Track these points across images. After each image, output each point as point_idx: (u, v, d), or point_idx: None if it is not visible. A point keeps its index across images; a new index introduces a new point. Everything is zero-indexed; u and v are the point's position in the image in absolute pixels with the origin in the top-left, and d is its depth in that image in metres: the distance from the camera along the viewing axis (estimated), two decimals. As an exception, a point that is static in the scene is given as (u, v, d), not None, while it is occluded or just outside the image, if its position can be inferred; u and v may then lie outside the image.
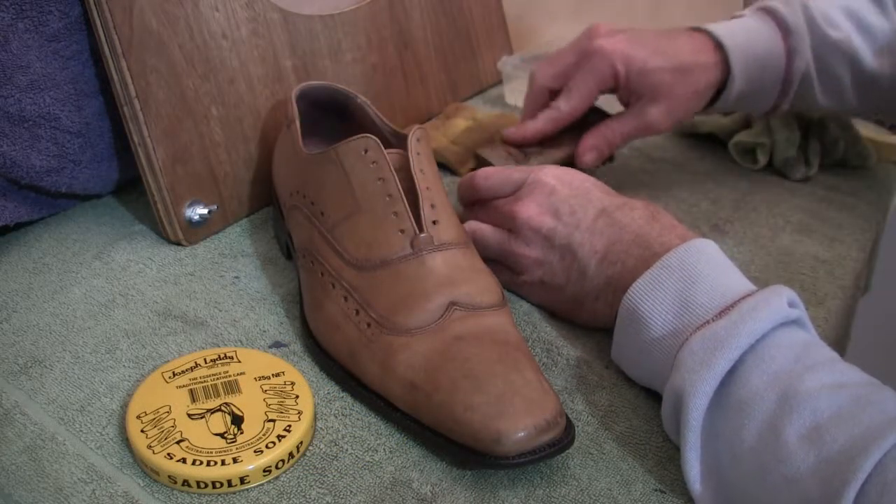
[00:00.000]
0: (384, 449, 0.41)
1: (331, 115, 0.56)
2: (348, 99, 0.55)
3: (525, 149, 0.61)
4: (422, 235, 0.43)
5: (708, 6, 0.96)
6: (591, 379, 0.46)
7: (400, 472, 0.39)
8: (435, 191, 0.45)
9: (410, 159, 0.44)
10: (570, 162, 0.59)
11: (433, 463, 0.40)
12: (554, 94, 0.60)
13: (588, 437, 0.42)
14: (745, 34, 0.59)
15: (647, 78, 0.56)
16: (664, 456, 0.41)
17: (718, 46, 0.58)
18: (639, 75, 0.56)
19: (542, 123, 0.59)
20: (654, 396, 0.45)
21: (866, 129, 0.73)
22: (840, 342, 0.69)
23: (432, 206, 0.44)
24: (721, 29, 0.59)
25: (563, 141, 0.61)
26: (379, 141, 0.44)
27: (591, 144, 0.59)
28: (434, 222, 0.43)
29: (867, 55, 0.59)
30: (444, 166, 0.66)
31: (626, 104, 0.60)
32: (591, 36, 0.58)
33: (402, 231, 0.43)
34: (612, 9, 0.93)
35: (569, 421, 0.39)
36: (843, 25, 0.59)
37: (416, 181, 0.44)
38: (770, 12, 0.60)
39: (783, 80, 0.59)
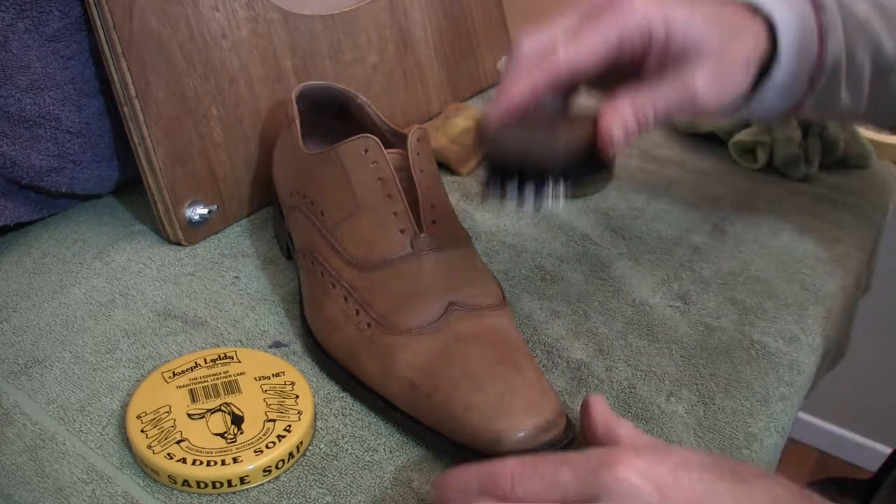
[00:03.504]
0: (384, 449, 0.41)
1: (331, 115, 0.56)
2: (349, 99, 0.55)
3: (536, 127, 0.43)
4: (422, 235, 0.43)
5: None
6: (591, 381, 0.46)
7: (400, 472, 0.39)
8: (435, 191, 0.45)
9: (410, 159, 0.44)
10: (590, 149, 0.41)
11: (433, 463, 0.40)
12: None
13: (588, 437, 0.42)
14: (789, 5, 0.46)
15: (691, 34, 0.41)
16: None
17: (755, 13, 0.45)
18: (682, 34, 0.41)
19: (527, 81, 0.41)
20: (651, 405, 0.45)
21: (866, 129, 0.73)
22: (840, 342, 0.69)
23: (432, 206, 0.44)
24: (773, 7, 0.45)
25: (566, 122, 0.43)
26: (379, 141, 0.44)
27: (619, 117, 0.41)
28: (434, 222, 0.43)
29: (888, 40, 0.48)
30: (444, 166, 0.66)
31: (655, 74, 0.43)
32: None
33: (403, 231, 0.43)
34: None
35: (569, 421, 0.39)
36: (862, 2, 0.48)
37: (415, 181, 0.44)
38: None
39: (813, 69, 0.46)
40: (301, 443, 0.39)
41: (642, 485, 0.30)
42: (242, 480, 0.38)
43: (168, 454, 0.38)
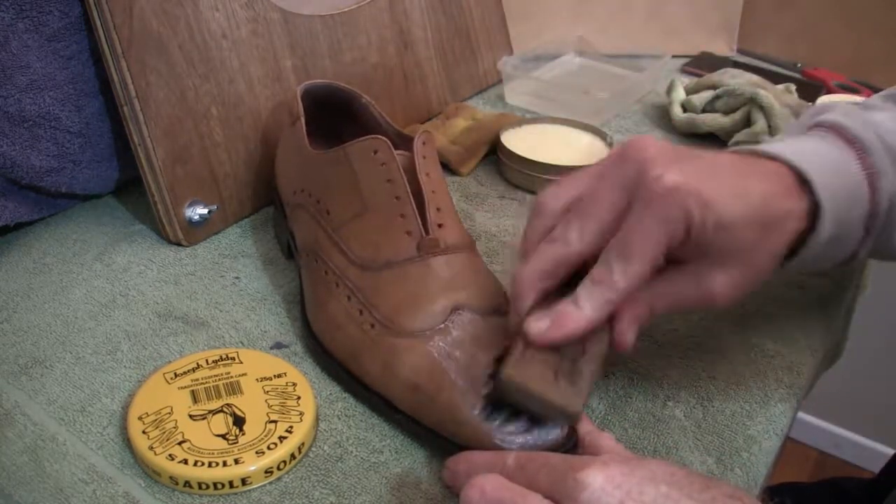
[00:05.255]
0: (389, 450, 0.41)
1: (333, 115, 0.56)
2: (352, 98, 0.54)
3: (563, 350, 0.38)
4: (428, 238, 0.43)
5: (708, 6, 0.96)
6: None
7: (407, 474, 0.39)
8: (440, 194, 0.45)
9: (416, 162, 0.44)
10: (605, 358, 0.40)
11: (440, 464, 0.40)
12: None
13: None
14: (829, 164, 0.42)
15: (724, 233, 0.37)
16: (664, 457, 0.41)
17: (803, 184, 0.40)
18: (715, 229, 0.37)
19: (591, 310, 0.37)
20: (649, 408, 0.45)
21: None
22: (838, 342, 0.69)
23: (438, 209, 0.44)
24: (800, 157, 0.41)
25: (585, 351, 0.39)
26: (389, 143, 0.44)
27: (634, 319, 0.39)
28: (439, 225, 0.43)
29: None
30: (444, 166, 0.66)
31: (673, 258, 0.39)
32: (640, 163, 0.37)
33: (409, 233, 0.43)
34: (611, 8, 0.93)
35: (571, 425, 0.39)
36: None
37: (421, 184, 0.44)
38: (835, 129, 0.44)
39: (868, 216, 0.43)
40: (303, 444, 0.39)
41: (605, 494, 0.31)
42: (244, 482, 0.38)
43: (169, 455, 0.38)
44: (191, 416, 0.40)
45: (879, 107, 0.47)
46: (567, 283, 0.39)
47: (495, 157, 0.68)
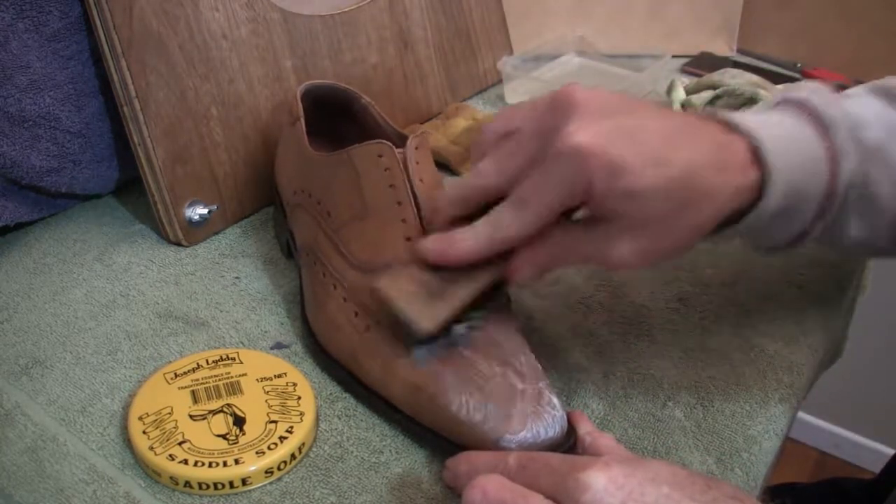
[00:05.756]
0: (390, 450, 0.41)
1: (333, 115, 0.56)
2: (353, 99, 0.54)
3: (445, 274, 0.39)
4: None
5: (708, 6, 0.96)
6: (589, 386, 0.46)
7: (408, 474, 0.39)
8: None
9: (409, 167, 0.44)
10: (496, 284, 0.41)
11: (441, 464, 0.40)
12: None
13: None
14: (786, 135, 0.41)
15: (633, 202, 0.36)
16: (664, 458, 0.41)
17: (756, 158, 0.39)
18: (623, 197, 0.36)
19: (476, 242, 0.38)
20: (649, 408, 0.45)
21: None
22: (838, 342, 0.69)
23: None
24: (758, 127, 0.39)
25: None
26: (394, 148, 0.44)
27: (531, 259, 0.39)
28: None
29: None
30: (444, 166, 0.66)
31: (589, 216, 0.39)
32: (562, 113, 0.37)
33: (409, 239, 0.43)
34: (611, 8, 0.93)
35: (570, 425, 0.39)
36: (876, 125, 0.43)
37: (416, 189, 0.43)
38: (800, 104, 0.42)
39: (824, 195, 0.41)
40: (303, 444, 0.39)
41: (608, 494, 0.31)
42: (244, 482, 0.38)
43: (170, 455, 0.38)
44: (191, 417, 0.40)
45: (857, 94, 0.46)
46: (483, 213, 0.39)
47: (495, 157, 0.67)
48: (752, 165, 0.38)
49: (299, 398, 0.41)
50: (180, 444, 0.38)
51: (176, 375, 0.42)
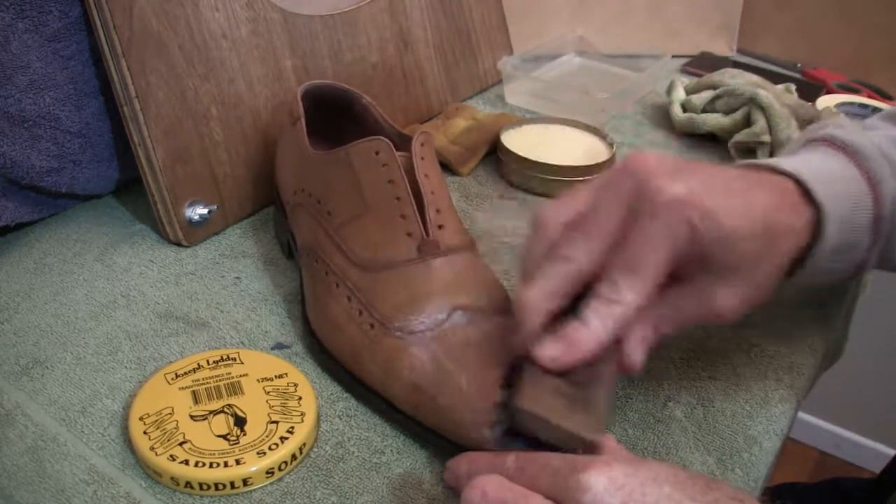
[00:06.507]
0: (391, 450, 0.41)
1: (333, 115, 0.56)
2: (354, 99, 0.54)
3: (573, 376, 0.37)
4: (428, 239, 0.43)
5: (708, 6, 0.96)
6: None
7: (409, 474, 0.40)
8: (439, 195, 0.45)
9: (415, 163, 0.44)
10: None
11: (442, 464, 0.40)
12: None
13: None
14: (827, 171, 0.42)
15: (726, 247, 0.37)
16: (664, 458, 0.41)
17: (807, 198, 0.40)
18: (718, 242, 0.36)
19: (601, 329, 0.36)
20: (649, 408, 0.45)
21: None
22: (838, 342, 0.69)
23: (437, 210, 0.44)
24: (799, 167, 0.41)
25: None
26: (391, 144, 0.44)
27: (642, 338, 0.38)
28: (440, 227, 0.43)
29: None
30: (444, 166, 0.66)
31: (676, 276, 0.38)
32: (645, 174, 0.37)
33: (410, 234, 0.43)
34: (611, 8, 0.93)
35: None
36: None
37: (420, 185, 0.44)
38: (828, 141, 0.45)
39: (874, 220, 0.43)
40: (304, 444, 0.39)
41: (608, 494, 0.30)
42: (245, 482, 0.38)
43: (171, 456, 0.38)
44: (192, 417, 0.40)
45: (877, 126, 0.48)
46: (572, 303, 0.38)
47: (495, 157, 0.68)
48: (805, 204, 0.40)
49: (300, 398, 0.41)
50: (181, 444, 0.38)
51: (177, 376, 0.42)
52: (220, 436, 0.39)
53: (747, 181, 0.40)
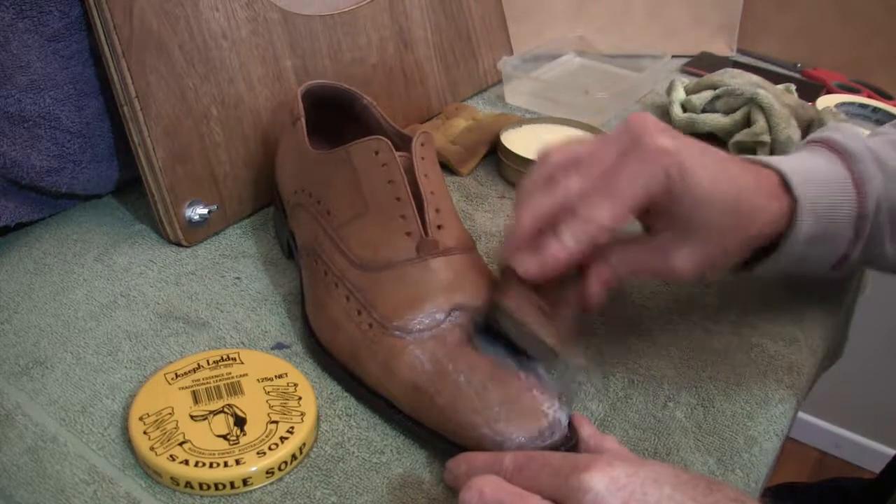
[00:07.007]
0: (391, 450, 0.41)
1: (334, 115, 0.56)
2: (354, 99, 0.54)
3: (544, 292, 0.41)
4: (428, 239, 0.43)
5: (708, 6, 0.96)
6: (589, 389, 0.46)
7: (409, 474, 0.39)
8: (439, 195, 0.45)
9: (415, 163, 0.44)
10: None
11: (442, 464, 0.40)
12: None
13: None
14: (812, 167, 0.46)
15: (693, 208, 0.40)
16: (664, 458, 0.41)
17: (787, 189, 0.44)
18: (687, 200, 0.40)
19: (571, 242, 0.39)
20: (649, 409, 0.45)
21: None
22: (838, 342, 0.69)
23: (437, 210, 0.44)
24: (785, 163, 0.45)
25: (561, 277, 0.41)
26: (390, 143, 0.44)
27: (600, 277, 0.42)
28: (439, 227, 0.43)
29: None
30: (444, 166, 0.66)
31: (646, 224, 0.44)
32: (642, 130, 0.40)
33: (409, 234, 0.43)
34: (611, 8, 0.93)
35: (571, 425, 0.39)
36: None
37: (420, 186, 0.44)
38: (823, 142, 0.48)
39: (856, 217, 0.45)
40: (304, 444, 0.39)
41: (609, 494, 0.31)
42: (245, 482, 0.38)
43: (171, 456, 0.38)
44: (192, 417, 0.40)
45: (887, 132, 0.50)
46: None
47: (495, 157, 0.68)
48: (784, 194, 0.44)
49: (300, 398, 0.41)
50: (181, 444, 0.38)
51: (177, 376, 0.42)
52: (220, 436, 0.39)
53: (734, 163, 0.43)
